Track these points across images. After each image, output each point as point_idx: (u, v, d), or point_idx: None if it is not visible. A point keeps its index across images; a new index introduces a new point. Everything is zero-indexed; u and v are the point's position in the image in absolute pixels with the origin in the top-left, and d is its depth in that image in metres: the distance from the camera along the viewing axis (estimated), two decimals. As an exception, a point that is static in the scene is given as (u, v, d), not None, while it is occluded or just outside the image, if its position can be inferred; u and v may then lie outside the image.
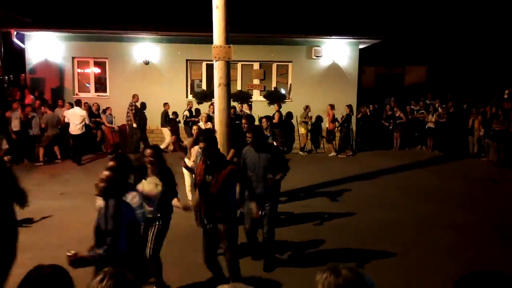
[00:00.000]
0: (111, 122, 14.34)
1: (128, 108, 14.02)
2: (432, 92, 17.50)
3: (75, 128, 12.49)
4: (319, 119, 15.10)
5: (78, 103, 13.05)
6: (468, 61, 22.24)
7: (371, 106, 15.88)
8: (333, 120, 14.50)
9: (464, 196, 9.58)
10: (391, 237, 6.87)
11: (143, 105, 14.73)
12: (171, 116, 14.25)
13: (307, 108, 14.72)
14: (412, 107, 16.12)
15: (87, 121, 12.80)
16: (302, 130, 14.74)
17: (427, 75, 23.24)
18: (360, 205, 8.66)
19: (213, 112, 9.65)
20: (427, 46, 22.46)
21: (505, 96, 16.23)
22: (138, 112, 14.26)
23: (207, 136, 4.71)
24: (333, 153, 14.57)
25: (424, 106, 16.01)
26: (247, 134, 5.95)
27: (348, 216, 7.96)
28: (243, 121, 7.68)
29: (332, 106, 14.43)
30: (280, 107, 14.22)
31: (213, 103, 10.35)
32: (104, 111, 14.26)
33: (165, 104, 14.24)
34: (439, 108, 15.39)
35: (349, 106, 14.44)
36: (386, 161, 13.17)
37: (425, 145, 15.60)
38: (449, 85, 20.40)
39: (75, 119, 12.56)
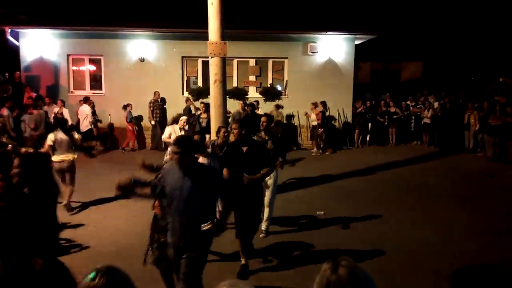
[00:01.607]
0: (131, 120, 14.29)
1: (148, 106, 14.26)
2: (428, 88, 17.53)
3: (82, 125, 12.84)
4: (291, 118, 15.04)
5: (87, 100, 13.43)
6: (464, 57, 22.29)
7: (368, 102, 15.84)
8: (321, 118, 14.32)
9: (460, 191, 9.60)
10: (387, 234, 6.88)
11: (163, 101, 14.75)
12: (193, 112, 13.96)
13: (278, 108, 14.51)
14: (408, 102, 16.16)
15: (89, 119, 13.24)
16: None
17: (423, 71, 23.29)
18: (356, 202, 8.67)
19: (205, 112, 9.54)
20: (423, 42, 22.50)
21: (501, 80, 16.20)
22: (159, 109, 14.31)
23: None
24: (314, 150, 14.35)
25: (423, 101, 16.03)
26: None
27: (343, 212, 7.97)
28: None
29: (315, 105, 14.18)
30: (245, 104, 13.80)
31: (203, 101, 10.37)
32: (125, 107, 14.20)
33: (187, 100, 14.23)
34: (435, 103, 15.43)
35: (323, 103, 14.27)
36: (382, 157, 13.18)
37: (420, 141, 15.64)
38: (445, 81, 20.44)
39: (81, 116, 12.99)
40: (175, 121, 8.47)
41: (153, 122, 14.24)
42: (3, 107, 12.16)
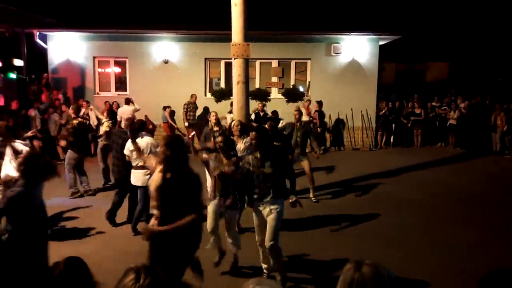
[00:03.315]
0: (172, 119, 14.45)
1: (182, 108, 14.29)
2: (455, 88, 17.21)
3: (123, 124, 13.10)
4: (277, 120, 14.73)
5: (128, 101, 13.59)
6: (492, 57, 21.81)
7: (390, 103, 15.59)
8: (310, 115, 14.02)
9: (486, 194, 9.38)
10: (414, 236, 6.77)
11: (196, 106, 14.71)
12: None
13: (264, 106, 13.83)
14: (433, 103, 15.88)
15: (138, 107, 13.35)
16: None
17: (449, 71, 22.88)
18: (382, 204, 8.55)
19: (216, 120, 9.28)
20: (449, 42, 22.12)
21: None
22: (193, 111, 14.30)
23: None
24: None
25: (448, 102, 15.74)
26: None
27: (370, 215, 7.87)
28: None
29: (310, 102, 14.20)
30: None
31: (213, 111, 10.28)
32: (165, 108, 14.38)
33: (231, 103, 14.07)
34: (461, 104, 15.14)
35: (319, 103, 14.12)
36: (407, 159, 12.98)
37: (445, 142, 15.35)
38: (471, 81, 20.04)
39: (124, 115, 13.17)
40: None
41: (186, 124, 14.24)
42: (31, 108, 12.45)
